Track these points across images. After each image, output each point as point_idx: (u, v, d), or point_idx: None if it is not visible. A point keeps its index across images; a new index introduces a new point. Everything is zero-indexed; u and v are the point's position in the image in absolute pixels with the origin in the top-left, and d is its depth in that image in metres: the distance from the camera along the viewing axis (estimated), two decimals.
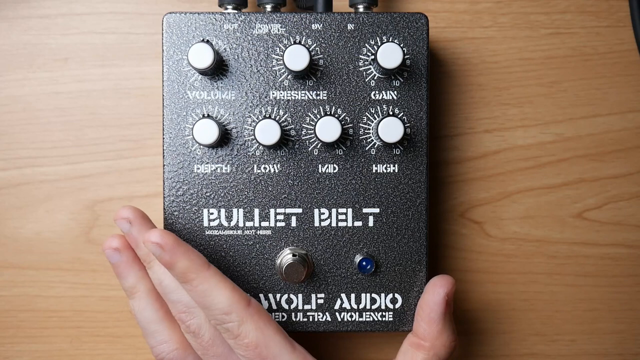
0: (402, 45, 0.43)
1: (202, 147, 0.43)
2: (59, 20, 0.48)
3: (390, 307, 0.44)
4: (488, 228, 0.50)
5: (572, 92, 0.49)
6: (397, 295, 0.44)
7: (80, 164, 0.49)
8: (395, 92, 0.43)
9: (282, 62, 0.43)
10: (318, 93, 0.43)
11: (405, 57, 0.43)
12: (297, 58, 0.41)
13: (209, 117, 0.43)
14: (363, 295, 0.44)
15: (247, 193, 0.44)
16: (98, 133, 0.48)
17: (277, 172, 0.44)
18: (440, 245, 0.49)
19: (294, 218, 0.44)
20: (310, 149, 0.43)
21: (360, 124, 0.43)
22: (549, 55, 0.49)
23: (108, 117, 0.48)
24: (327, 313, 0.44)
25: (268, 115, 0.43)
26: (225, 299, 0.40)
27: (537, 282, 0.50)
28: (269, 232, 0.44)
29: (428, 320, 0.42)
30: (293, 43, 0.43)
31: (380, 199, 0.44)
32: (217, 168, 0.43)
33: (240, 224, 0.44)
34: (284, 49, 0.42)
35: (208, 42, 0.43)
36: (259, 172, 0.44)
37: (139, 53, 0.48)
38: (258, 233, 0.44)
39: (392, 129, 0.42)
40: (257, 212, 0.44)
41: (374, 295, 0.44)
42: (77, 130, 0.48)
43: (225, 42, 0.43)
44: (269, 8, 0.44)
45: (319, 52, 0.43)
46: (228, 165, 0.43)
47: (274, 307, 0.44)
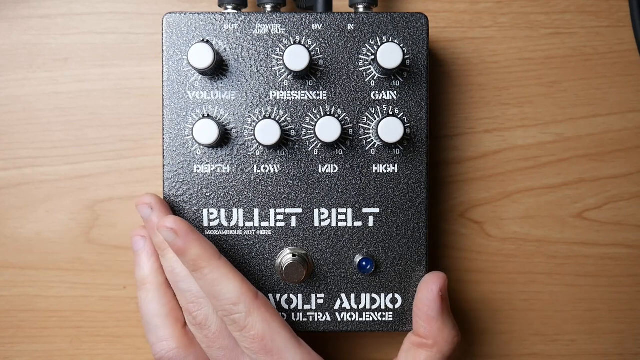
0: (402, 45, 0.43)
1: (202, 147, 0.43)
2: (59, 20, 0.48)
3: (390, 307, 0.44)
4: (488, 228, 0.50)
5: (572, 92, 0.49)
6: (397, 295, 0.44)
7: (80, 164, 0.49)
8: (395, 92, 0.43)
9: (282, 62, 0.43)
10: (318, 93, 0.43)
11: (405, 57, 0.43)
12: (297, 58, 0.41)
13: (209, 117, 0.43)
14: (363, 295, 0.44)
15: (247, 193, 0.44)
16: (98, 133, 0.49)
17: (277, 172, 0.44)
18: (440, 245, 0.49)
19: (294, 218, 0.44)
20: (310, 149, 0.43)
21: (360, 124, 0.43)
22: (549, 55, 0.49)
23: (108, 117, 0.48)
24: (327, 313, 0.44)
25: (268, 115, 0.43)
26: (234, 289, 0.40)
27: (537, 282, 0.50)
28: (269, 232, 0.44)
29: (426, 319, 0.42)
30: (293, 43, 0.43)
31: (380, 199, 0.44)
32: (217, 168, 0.43)
33: (240, 224, 0.44)
34: (284, 49, 0.42)
35: (208, 42, 0.43)
36: (259, 172, 0.44)
37: (139, 53, 0.48)
38: (258, 233, 0.44)
39: (392, 129, 0.42)
40: (257, 212, 0.44)
41: (374, 295, 0.44)
42: (77, 130, 0.48)
43: (225, 42, 0.43)
44: (269, 8, 0.44)
45: (319, 52, 0.43)
46: (228, 166, 0.43)
47: (274, 306, 0.44)
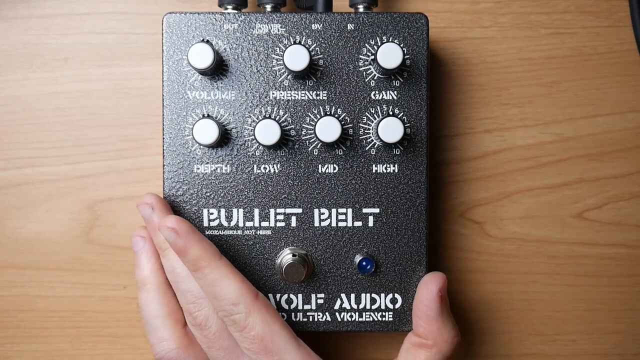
0: (402, 45, 0.43)
1: (202, 147, 0.43)
2: (59, 20, 0.48)
3: (390, 307, 0.44)
4: (488, 228, 0.50)
5: (572, 92, 0.49)
6: (397, 295, 0.44)
7: (80, 164, 0.49)
8: (395, 92, 0.43)
9: (282, 62, 0.43)
10: (318, 93, 0.43)
11: (405, 57, 0.43)
12: (297, 58, 0.41)
13: (209, 117, 0.43)
14: (363, 295, 0.44)
15: (247, 193, 0.44)
16: (98, 133, 0.49)
17: (277, 172, 0.44)
18: (440, 245, 0.49)
19: (294, 218, 0.44)
20: (310, 149, 0.43)
21: (360, 124, 0.43)
22: (549, 55, 0.49)
23: (108, 117, 0.48)
24: (327, 313, 0.44)
25: (268, 115, 0.43)
26: (234, 289, 0.40)
27: (537, 282, 0.50)
28: (269, 232, 0.44)
29: (426, 319, 0.42)
30: (293, 43, 0.43)
31: (380, 199, 0.44)
32: (217, 168, 0.43)
33: (240, 224, 0.44)
34: (284, 49, 0.42)
35: (208, 42, 0.43)
36: (259, 172, 0.44)
37: (139, 53, 0.48)
38: (258, 233, 0.44)
39: (392, 129, 0.42)
40: (257, 212, 0.44)
41: (374, 295, 0.44)
42: (77, 130, 0.48)
43: (225, 42, 0.43)
44: (269, 8, 0.44)
45: (319, 52, 0.43)
46: (228, 165, 0.43)
47: (274, 307, 0.44)
